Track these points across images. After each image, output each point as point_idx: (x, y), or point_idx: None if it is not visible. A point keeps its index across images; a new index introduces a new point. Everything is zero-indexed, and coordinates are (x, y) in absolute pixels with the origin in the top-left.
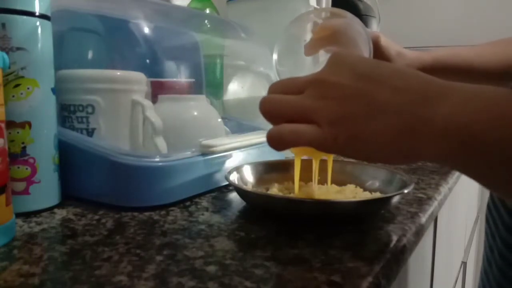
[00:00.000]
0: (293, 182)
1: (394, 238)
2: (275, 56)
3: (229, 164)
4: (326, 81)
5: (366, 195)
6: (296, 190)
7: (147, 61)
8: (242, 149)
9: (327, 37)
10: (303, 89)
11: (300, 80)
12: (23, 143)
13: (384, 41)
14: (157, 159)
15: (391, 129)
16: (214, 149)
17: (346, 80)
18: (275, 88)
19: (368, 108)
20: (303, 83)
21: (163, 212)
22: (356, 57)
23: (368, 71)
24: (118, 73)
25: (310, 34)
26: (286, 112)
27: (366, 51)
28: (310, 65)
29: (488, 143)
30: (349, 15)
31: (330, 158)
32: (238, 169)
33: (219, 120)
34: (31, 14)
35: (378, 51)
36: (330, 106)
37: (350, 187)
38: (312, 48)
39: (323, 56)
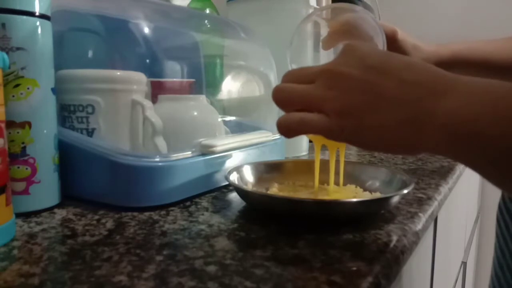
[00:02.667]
0: (293, 182)
1: (394, 238)
2: (288, 56)
3: (229, 164)
4: (336, 72)
5: (366, 195)
6: (316, 182)
7: (147, 61)
8: (242, 149)
9: (343, 32)
10: (314, 79)
11: (312, 70)
12: (23, 143)
13: (401, 35)
14: (157, 159)
15: (395, 121)
16: (214, 149)
17: (356, 71)
18: (287, 78)
19: (375, 99)
20: (314, 73)
21: (163, 212)
22: (367, 48)
23: (378, 63)
24: (118, 73)
25: (326, 29)
26: (296, 100)
27: (380, 43)
28: (318, 62)
29: (491, 137)
30: (358, 8)
31: (342, 154)
32: (238, 169)
33: (219, 120)
34: (31, 14)
35: (395, 45)
36: (338, 97)
37: (350, 187)
38: (329, 43)
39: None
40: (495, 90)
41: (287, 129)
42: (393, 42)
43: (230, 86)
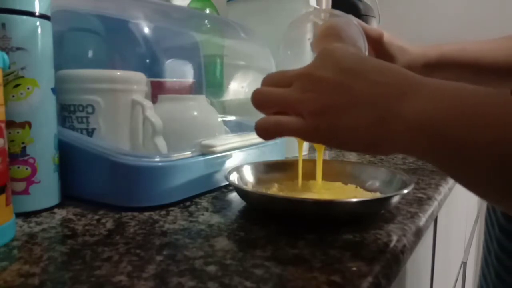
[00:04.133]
0: (293, 182)
1: (394, 238)
2: (279, 57)
3: (229, 164)
4: (311, 75)
5: (367, 195)
6: (300, 181)
7: (147, 61)
8: (242, 149)
9: (331, 35)
10: (291, 82)
11: (289, 74)
12: (23, 143)
13: (387, 38)
14: (157, 159)
15: (365, 121)
16: (214, 149)
17: (330, 74)
18: (267, 81)
19: (347, 100)
20: (291, 77)
21: (163, 212)
22: (342, 52)
23: (351, 65)
24: (118, 73)
25: (311, 33)
26: (274, 103)
27: (362, 46)
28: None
29: (456, 141)
30: (341, 13)
31: (320, 154)
32: (238, 169)
33: (219, 120)
34: (31, 14)
35: (381, 48)
36: (313, 98)
37: (351, 187)
38: (318, 45)
39: None
40: (464, 94)
41: (264, 132)
42: (379, 45)
43: (230, 86)
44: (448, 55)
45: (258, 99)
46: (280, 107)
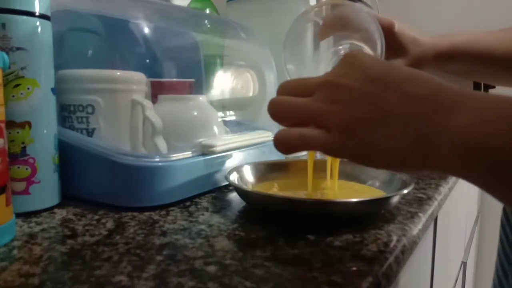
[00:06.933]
0: (293, 182)
1: (394, 238)
2: (283, 55)
3: (229, 164)
4: (336, 83)
5: (373, 191)
6: (310, 188)
7: (147, 61)
8: (242, 149)
9: (337, 24)
10: (313, 91)
11: (310, 82)
12: (23, 143)
13: (399, 28)
14: (157, 159)
15: (402, 138)
16: (214, 149)
17: (357, 83)
18: (284, 90)
19: (379, 114)
20: (313, 85)
21: (163, 212)
22: (368, 58)
23: (380, 74)
24: (118, 73)
25: (311, 33)
26: (294, 115)
27: (376, 35)
28: (315, 61)
29: (506, 157)
30: (348, 2)
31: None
32: (238, 169)
33: (219, 120)
34: (31, 14)
35: (392, 39)
36: (340, 110)
37: (354, 185)
38: (323, 34)
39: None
40: (507, 107)
41: (285, 147)
42: (390, 36)
43: (230, 86)
44: (461, 46)
45: (276, 110)
46: (301, 119)
